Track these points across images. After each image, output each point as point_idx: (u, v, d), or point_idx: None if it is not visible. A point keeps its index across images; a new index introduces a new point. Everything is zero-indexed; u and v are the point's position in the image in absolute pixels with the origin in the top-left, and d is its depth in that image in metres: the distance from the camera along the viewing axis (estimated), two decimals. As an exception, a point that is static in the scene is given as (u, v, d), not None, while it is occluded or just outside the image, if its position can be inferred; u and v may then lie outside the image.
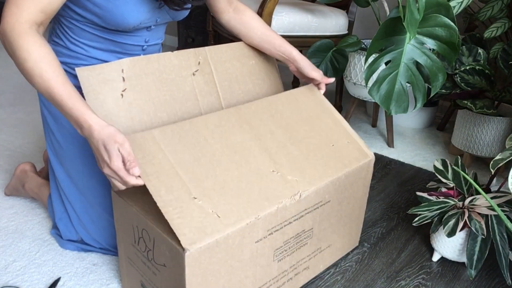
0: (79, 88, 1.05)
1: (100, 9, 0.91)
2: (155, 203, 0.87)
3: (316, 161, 0.98)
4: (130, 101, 0.93)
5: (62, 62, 1.04)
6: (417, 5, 1.26)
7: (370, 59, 1.62)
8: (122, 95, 0.92)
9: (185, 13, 1.05)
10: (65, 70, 1.05)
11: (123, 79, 0.92)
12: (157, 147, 0.83)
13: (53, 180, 1.14)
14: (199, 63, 1.05)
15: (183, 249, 0.73)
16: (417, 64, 1.36)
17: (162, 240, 0.79)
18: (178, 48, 3.04)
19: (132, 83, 0.93)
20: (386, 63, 1.39)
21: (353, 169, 1.04)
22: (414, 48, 1.35)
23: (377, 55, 1.40)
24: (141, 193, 0.90)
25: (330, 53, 1.79)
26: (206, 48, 1.08)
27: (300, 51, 2.60)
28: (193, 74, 1.04)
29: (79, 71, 0.88)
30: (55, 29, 1.03)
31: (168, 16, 1.04)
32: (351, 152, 1.07)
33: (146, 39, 1.06)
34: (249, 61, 1.16)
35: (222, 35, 2.24)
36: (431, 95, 1.40)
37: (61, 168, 1.09)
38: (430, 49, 1.37)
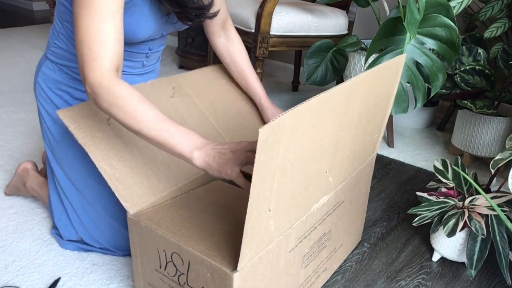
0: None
1: None
2: (180, 222, 0.83)
3: (349, 161, 0.96)
4: (119, 127, 0.93)
5: (63, 65, 1.06)
6: (417, 5, 1.26)
7: (370, 59, 1.62)
8: (108, 124, 0.92)
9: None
10: (66, 73, 1.07)
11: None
12: (278, 143, 0.67)
13: (51, 180, 1.14)
14: (173, 87, 1.07)
15: (232, 269, 0.70)
16: (417, 64, 1.37)
17: (200, 262, 0.75)
18: (178, 48, 3.04)
19: None
20: None
21: (363, 167, 1.04)
22: (414, 48, 1.35)
23: (377, 55, 1.40)
24: (161, 213, 0.87)
25: (330, 53, 1.79)
26: (177, 76, 1.11)
27: (300, 51, 2.60)
28: (171, 97, 1.05)
29: (60, 113, 0.88)
30: (59, 33, 1.04)
31: (173, 28, 1.07)
32: (369, 148, 1.05)
33: (150, 47, 1.09)
34: (221, 81, 1.21)
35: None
36: (431, 95, 1.40)
37: (60, 169, 1.09)
38: (430, 49, 1.37)
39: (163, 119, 0.79)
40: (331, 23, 1.94)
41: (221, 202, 0.92)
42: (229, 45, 1.18)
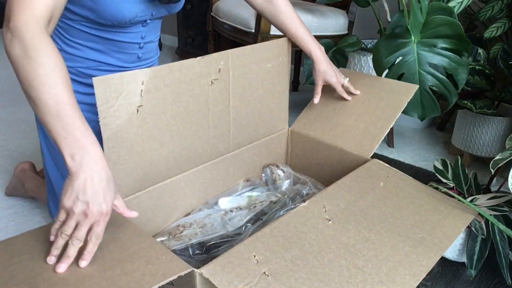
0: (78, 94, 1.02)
1: (94, 3, 0.89)
2: None
3: None
4: (144, 116, 0.89)
5: None
6: (419, 5, 1.26)
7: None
8: (137, 110, 0.87)
9: (180, 5, 1.02)
10: None
11: (141, 93, 0.87)
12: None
13: (48, 183, 1.13)
14: (219, 70, 1.02)
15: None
16: (434, 66, 1.36)
17: None
18: (178, 48, 3.04)
19: (150, 96, 0.89)
20: (400, 77, 1.38)
21: None
22: (426, 53, 1.35)
23: (387, 71, 1.39)
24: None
25: (330, 53, 1.79)
26: (230, 51, 1.05)
27: (300, 51, 2.59)
28: (211, 83, 1.02)
29: (96, 81, 0.81)
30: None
31: (164, 10, 1.02)
32: None
33: (142, 35, 1.04)
34: (266, 64, 1.14)
35: (222, 35, 2.24)
36: (460, 89, 1.40)
37: (57, 171, 1.09)
38: (441, 48, 1.37)
39: (69, 103, 0.67)
40: (331, 23, 1.94)
41: None
42: (269, 6, 1.13)
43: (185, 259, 0.87)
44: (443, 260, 1.20)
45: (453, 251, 1.15)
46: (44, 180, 1.28)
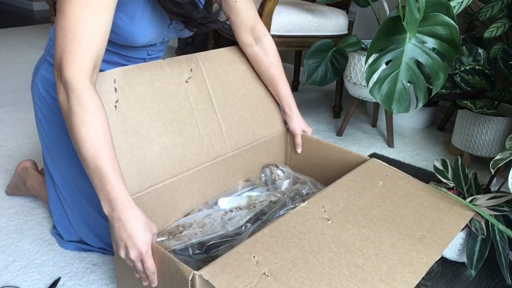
0: None
1: (113, 25, 0.90)
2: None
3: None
4: (124, 112, 0.91)
5: None
6: (417, 4, 1.26)
7: (371, 59, 1.62)
8: (115, 106, 0.90)
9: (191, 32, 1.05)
10: None
11: (115, 90, 0.90)
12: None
13: (50, 183, 1.13)
14: (191, 69, 1.05)
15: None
16: (418, 63, 1.36)
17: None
18: (178, 48, 3.04)
19: (125, 93, 0.91)
20: (387, 63, 1.39)
21: None
22: (415, 47, 1.35)
23: (378, 55, 1.39)
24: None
25: (330, 53, 1.79)
26: (198, 54, 1.08)
27: (300, 51, 2.59)
28: (186, 82, 1.03)
29: None
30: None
31: (175, 34, 1.04)
32: None
33: (149, 53, 1.07)
34: (241, 66, 1.17)
35: (222, 35, 2.24)
36: (432, 94, 1.40)
37: (57, 170, 1.09)
38: (430, 48, 1.37)
39: (105, 160, 0.75)
40: (331, 23, 1.94)
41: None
42: (263, 56, 1.14)
43: (185, 259, 0.87)
44: (443, 260, 1.20)
45: (453, 251, 1.15)
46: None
